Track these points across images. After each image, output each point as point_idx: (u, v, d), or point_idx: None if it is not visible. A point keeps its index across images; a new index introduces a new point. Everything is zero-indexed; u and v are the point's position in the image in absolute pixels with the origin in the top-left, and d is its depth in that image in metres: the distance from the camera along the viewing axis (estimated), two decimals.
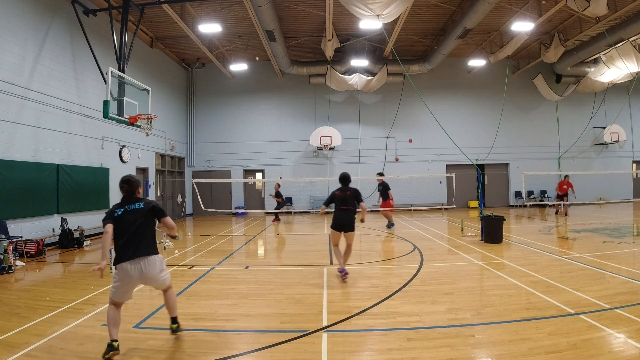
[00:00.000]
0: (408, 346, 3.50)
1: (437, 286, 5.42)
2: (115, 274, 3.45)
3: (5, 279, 6.44)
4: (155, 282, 3.60)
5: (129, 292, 3.55)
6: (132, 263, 3.40)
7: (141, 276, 3.46)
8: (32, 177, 9.03)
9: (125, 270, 3.40)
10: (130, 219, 3.51)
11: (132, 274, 3.41)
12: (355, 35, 15.96)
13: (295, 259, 7.98)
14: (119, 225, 3.48)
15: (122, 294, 3.48)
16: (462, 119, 19.07)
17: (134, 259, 3.41)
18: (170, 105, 17.28)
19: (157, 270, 3.53)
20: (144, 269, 3.44)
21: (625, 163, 19.77)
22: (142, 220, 3.54)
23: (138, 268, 3.42)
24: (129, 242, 3.44)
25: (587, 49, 15.89)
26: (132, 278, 3.44)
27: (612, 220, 12.53)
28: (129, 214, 3.53)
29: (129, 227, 3.47)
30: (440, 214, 16.87)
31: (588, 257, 6.94)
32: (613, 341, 3.49)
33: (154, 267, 3.50)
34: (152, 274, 3.50)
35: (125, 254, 3.42)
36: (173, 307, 3.78)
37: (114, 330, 3.35)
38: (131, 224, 3.49)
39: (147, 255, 3.48)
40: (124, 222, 3.50)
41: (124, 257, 3.41)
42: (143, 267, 3.44)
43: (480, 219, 9.24)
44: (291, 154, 19.14)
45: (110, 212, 3.53)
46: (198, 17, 13.26)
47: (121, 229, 3.48)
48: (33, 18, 9.32)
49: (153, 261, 3.51)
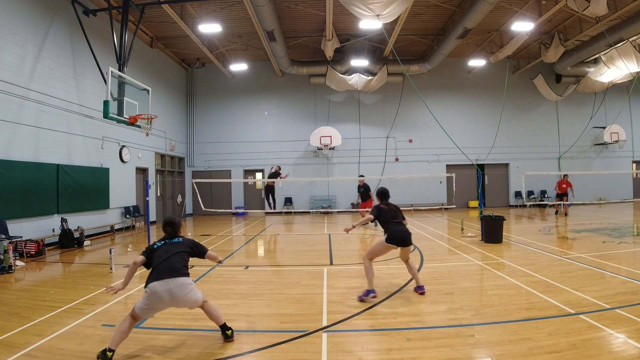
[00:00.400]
0: (408, 346, 3.50)
1: (437, 286, 5.42)
2: (145, 293, 3.46)
3: (5, 279, 6.44)
4: (185, 304, 3.60)
5: (153, 313, 3.59)
6: (161, 283, 3.42)
7: (171, 298, 3.45)
8: (32, 177, 9.03)
9: (155, 290, 3.41)
10: (167, 248, 3.66)
11: (161, 294, 3.40)
12: (355, 35, 15.95)
13: (295, 259, 7.98)
14: (156, 255, 3.62)
15: (147, 312, 3.50)
16: (462, 119, 19.07)
17: (164, 279, 3.43)
18: (170, 105, 17.28)
19: (186, 291, 3.50)
20: (172, 289, 3.43)
21: (625, 163, 19.77)
22: (179, 250, 3.67)
23: (167, 288, 3.41)
24: (161, 265, 3.52)
25: (587, 49, 15.89)
26: (161, 299, 3.43)
27: (612, 220, 12.53)
28: (168, 245, 3.70)
29: (164, 254, 3.59)
30: (440, 214, 16.87)
31: (588, 257, 6.94)
32: (613, 341, 3.49)
33: (182, 289, 3.47)
34: (181, 295, 3.48)
35: (156, 276, 3.47)
36: (216, 317, 3.74)
37: (117, 341, 3.33)
38: (167, 252, 3.62)
39: (177, 277, 3.48)
40: (161, 251, 3.64)
41: (155, 278, 3.46)
42: (172, 286, 3.43)
43: (480, 219, 9.24)
44: (291, 154, 19.14)
45: (149, 246, 3.77)
46: (198, 17, 13.26)
47: (158, 256, 3.60)
48: (33, 18, 9.32)
49: (181, 282, 3.49)
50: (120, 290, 3.62)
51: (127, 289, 5.56)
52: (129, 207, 13.29)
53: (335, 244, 9.51)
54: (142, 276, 6.42)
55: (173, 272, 3.49)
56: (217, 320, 3.73)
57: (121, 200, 12.92)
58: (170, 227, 3.85)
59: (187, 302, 3.58)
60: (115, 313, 4.55)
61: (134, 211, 13.48)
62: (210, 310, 3.74)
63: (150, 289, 3.41)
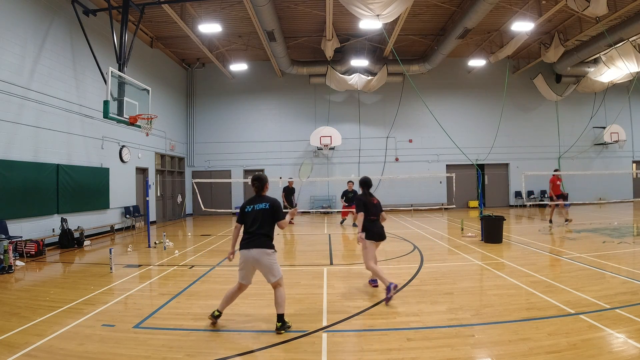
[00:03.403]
0: (408, 346, 3.50)
1: (437, 286, 5.42)
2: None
3: (5, 279, 6.44)
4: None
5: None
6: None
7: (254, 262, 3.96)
8: (32, 177, 9.03)
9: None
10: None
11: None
12: (355, 35, 15.95)
13: (295, 259, 7.99)
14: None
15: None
16: (462, 119, 19.07)
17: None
18: (170, 105, 17.28)
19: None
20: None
21: (625, 163, 19.76)
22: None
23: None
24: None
25: (587, 49, 15.89)
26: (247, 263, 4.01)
27: (612, 220, 12.53)
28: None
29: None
30: (440, 214, 16.87)
31: (588, 257, 6.94)
32: (613, 341, 3.49)
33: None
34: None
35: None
36: (278, 305, 3.97)
37: (224, 304, 4.08)
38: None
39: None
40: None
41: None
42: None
43: (480, 219, 9.24)
44: (291, 154, 19.13)
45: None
46: (198, 17, 13.26)
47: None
48: (33, 18, 9.32)
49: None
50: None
51: (126, 289, 5.60)
52: (129, 207, 13.29)
53: (335, 244, 9.51)
54: (142, 276, 6.42)
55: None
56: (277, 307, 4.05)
57: (121, 200, 12.92)
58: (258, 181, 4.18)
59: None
60: (115, 313, 4.55)
61: (134, 211, 13.48)
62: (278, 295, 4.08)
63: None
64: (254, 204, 4.04)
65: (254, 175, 4.19)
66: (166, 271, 6.76)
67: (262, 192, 4.15)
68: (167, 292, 5.46)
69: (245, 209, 4.07)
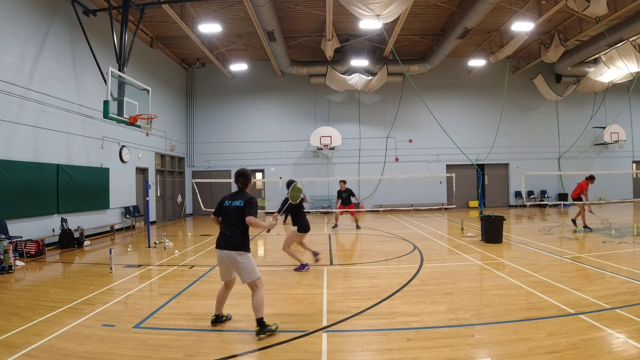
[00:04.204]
0: (408, 346, 3.50)
1: (437, 286, 5.42)
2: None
3: (5, 279, 6.44)
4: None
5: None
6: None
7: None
8: (32, 177, 9.03)
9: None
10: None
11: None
12: (355, 35, 15.95)
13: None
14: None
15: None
16: (462, 119, 19.06)
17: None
18: (170, 105, 17.27)
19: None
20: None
21: (625, 163, 19.76)
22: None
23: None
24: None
25: (587, 49, 15.89)
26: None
27: (612, 220, 12.52)
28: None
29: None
30: (440, 214, 16.86)
31: (588, 257, 6.95)
32: (613, 341, 3.49)
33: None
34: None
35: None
36: (255, 309, 3.85)
37: (218, 306, 4.08)
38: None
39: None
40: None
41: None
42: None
43: (480, 219, 9.24)
44: (291, 154, 19.13)
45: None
46: (198, 17, 13.26)
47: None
48: (33, 18, 9.32)
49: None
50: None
51: (126, 289, 5.59)
52: (129, 207, 13.29)
53: (335, 244, 9.51)
54: (142, 276, 6.42)
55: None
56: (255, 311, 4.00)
57: (121, 200, 12.92)
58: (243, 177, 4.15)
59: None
60: (115, 313, 4.55)
61: (134, 211, 13.48)
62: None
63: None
64: (233, 200, 3.98)
65: (239, 171, 4.11)
66: (166, 271, 6.76)
67: (246, 189, 4.08)
68: (167, 292, 5.45)
69: (224, 202, 4.01)
